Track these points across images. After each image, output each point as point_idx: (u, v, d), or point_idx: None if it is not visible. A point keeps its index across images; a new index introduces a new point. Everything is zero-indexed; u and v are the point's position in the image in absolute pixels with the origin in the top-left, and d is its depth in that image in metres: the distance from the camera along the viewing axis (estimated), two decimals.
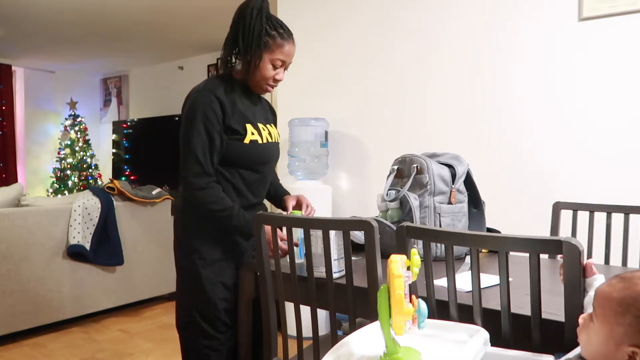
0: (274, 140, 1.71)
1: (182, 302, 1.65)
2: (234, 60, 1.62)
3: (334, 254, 1.38)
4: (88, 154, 6.76)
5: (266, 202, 1.83)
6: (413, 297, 0.85)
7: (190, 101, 1.57)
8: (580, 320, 0.82)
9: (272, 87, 1.66)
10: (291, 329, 2.68)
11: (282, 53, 1.58)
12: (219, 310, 1.59)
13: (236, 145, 1.58)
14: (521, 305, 1.11)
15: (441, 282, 1.26)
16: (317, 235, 1.41)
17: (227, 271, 1.62)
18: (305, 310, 1.39)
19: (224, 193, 1.58)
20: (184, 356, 1.66)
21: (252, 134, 1.61)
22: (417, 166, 1.74)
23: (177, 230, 1.67)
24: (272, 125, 1.75)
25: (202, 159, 1.52)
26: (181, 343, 1.67)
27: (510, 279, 1.04)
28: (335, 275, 1.37)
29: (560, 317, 0.99)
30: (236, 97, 1.61)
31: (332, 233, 1.37)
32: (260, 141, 1.63)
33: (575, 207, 1.93)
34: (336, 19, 3.12)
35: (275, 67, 1.60)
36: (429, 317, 0.89)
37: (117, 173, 6.70)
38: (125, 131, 6.65)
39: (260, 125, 1.66)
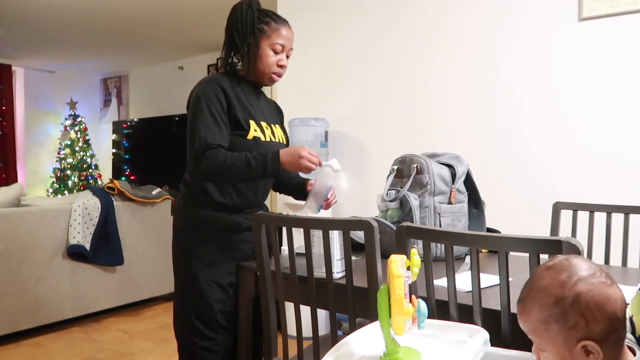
0: (277, 141, 1.67)
1: (179, 302, 1.65)
2: (234, 59, 1.62)
3: (335, 254, 1.38)
4: (88, 154, 6.76)
5: (266, 204, 1.82)
6: (413, 297, 0.85)
7: (195, 91, 1.56)
8: (535, 355, 0.84)
9: (278, 76, 1.63)
10: (291, 329, 2.68)
11: (280, 37, 1.57)
12: (215, 311, 1.58)
13: (238, 141, 1.55)
14: None
15: (441, 282, 1.26)
16: (317, 235, 1.41)
17: (223, 272, 1.60)
18: (305, 310, 1.39)
19: (224, 192, 1.57)
20: (180, 356, 1.66)
21: (255, 130, 1.58)
22: (417, 166, 1.74)
23: (176, 230, 1.65)
24: (277, 125, 1.71)
25: (204, 134, 1.48)
26: (178, 343, 1.66)
27: (510, 279, 1.04)
28: (335, 276, 1.37)
29: None
30: (240, 92, 1.59)
31: (333, 233, 1.37)
32: (263, 139, 1.60)
33: (575, 207, 1.93)
34: (336, 20, 3.12)
35: (276, 53, 1.58)
36: (429, 317, 0.89)
37: (117, 173, 6.70)
38: (125, 131, 6.64)
39: (264, 124, 1.63)
